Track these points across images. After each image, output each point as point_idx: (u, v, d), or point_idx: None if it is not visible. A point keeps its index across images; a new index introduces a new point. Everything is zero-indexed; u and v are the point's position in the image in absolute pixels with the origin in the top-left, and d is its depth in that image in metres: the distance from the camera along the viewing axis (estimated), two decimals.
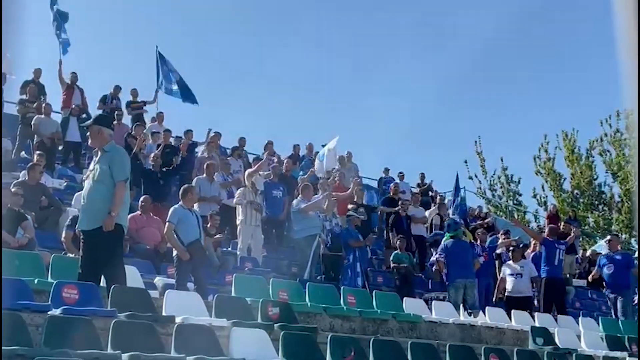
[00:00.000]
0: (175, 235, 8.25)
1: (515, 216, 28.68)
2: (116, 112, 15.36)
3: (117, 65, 40.13)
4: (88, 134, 7.22)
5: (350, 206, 12.74)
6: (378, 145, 37.83)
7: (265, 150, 16.00)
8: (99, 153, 6.88)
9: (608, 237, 13.23)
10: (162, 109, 16.43)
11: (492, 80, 43.79)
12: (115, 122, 12.98)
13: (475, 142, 30.26)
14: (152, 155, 12.07)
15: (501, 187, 30.26)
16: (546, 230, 12.22)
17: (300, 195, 11.55)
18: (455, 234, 10.86)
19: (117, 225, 6.59)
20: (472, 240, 12.50)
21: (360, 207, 13.06)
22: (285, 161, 14.99)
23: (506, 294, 11.90)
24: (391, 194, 14.72)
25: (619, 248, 12.72)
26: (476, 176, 30.23)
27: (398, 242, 12.57)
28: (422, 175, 19.07)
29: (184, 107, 17.12)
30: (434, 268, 11.15)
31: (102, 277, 6.71)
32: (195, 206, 9.31)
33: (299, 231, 11.13)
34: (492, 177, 30.24)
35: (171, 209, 8.56)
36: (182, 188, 8.92)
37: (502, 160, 30.32)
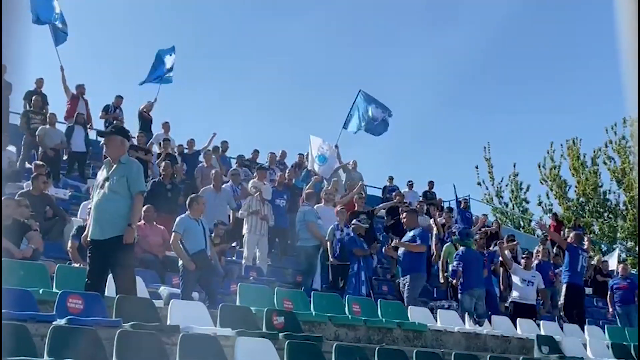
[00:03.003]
0: (181, 245, 8.28)
1: (521, 223, 28.65)
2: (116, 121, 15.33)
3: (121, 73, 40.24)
4: (102, 142, 7.20)
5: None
6: (383, 151, 37.78)
7: (269, 160, 16.01)
8: (113, 164, 6.79)
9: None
10: (167, 119, 16.42)
11: (501, 88, 43.85)
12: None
13: (485, 147, 30.17)
14: (163, 165, 12.04)
15: (511, 193, 30.07)
16: (571, 236, 12.06)
17: (305, 202, 11.54)
18: (467, 244, 10.81)
19: None
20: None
21: (362, 214, 12.96)
22: (288, 170, 14.98)
23: (513, 299, 11.83)
24: (396, 203, 14.62)
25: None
26: (484, 182, 30.14)
27: None
28: (431, 184, 18.19)
29: (190, 115, 17.10)
30: (454, 279, 10.75)
31: (115, 286, 6.69)
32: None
33: (306, 240, 11.11)
34: (500, 183, 30.14)
35: (177, 219, 8.65)
36: (188, 198, 8.96)
37: (514, 166, 30.22)
